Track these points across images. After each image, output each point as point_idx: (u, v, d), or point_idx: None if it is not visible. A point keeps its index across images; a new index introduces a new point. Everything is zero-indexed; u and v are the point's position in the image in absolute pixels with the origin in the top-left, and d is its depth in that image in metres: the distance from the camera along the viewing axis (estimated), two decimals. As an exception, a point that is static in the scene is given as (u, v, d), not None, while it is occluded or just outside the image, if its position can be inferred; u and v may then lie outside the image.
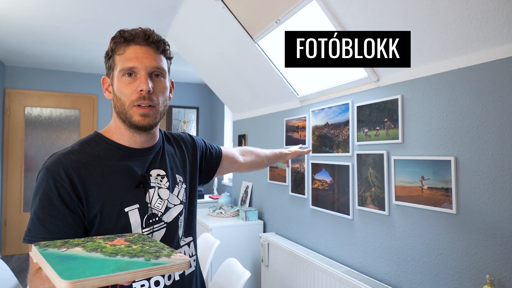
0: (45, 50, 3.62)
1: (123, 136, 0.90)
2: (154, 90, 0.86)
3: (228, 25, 2.26)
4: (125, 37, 0.85)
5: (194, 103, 5.10)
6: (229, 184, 4.06)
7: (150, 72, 0.85)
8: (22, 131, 4.31)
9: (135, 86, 0.84)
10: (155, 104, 0.86)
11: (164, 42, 0.90)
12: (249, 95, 2.97)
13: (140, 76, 0.84)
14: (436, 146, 1.44)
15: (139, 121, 0.85)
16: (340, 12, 1.57)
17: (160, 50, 0.88)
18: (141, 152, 0.92)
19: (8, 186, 4.24)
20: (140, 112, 0.84)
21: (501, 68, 1.20)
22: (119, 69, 0.85)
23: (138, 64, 0.84)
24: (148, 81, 0.84)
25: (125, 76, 0.84)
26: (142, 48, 0.85)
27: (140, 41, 0.85)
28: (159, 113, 0.88)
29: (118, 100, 0.86)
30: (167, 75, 0.91)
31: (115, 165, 0.87)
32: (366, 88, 1.80)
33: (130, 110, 0.85)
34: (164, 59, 0.91)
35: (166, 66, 0.91)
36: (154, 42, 0.87)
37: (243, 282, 1.81)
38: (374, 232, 1.74)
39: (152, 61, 0.85)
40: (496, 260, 1.22)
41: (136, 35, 0.85)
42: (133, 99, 0.84)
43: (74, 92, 4.52)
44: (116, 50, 0.86)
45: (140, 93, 0.83)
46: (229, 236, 2.78)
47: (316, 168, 2.21)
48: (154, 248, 0.67)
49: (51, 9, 2.58)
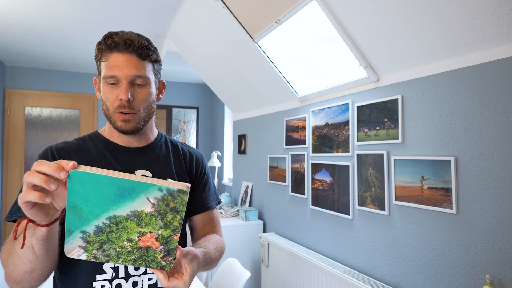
0: (45, 50, 3.62)
1: (113, 135, 0.95)
2: (135, 98, 0.87)
3: (228, 25, 2.26)
4: (108, 44, 0.85)
5: (194, 103, 5.10)
6: (229, 184, 4.06)
7: (131, 80, 0.86)
8: (22, 131, 4.31)
9: (116, 94, 0.85)
10: (136, 111, 0.87)
11: (148, 48, 0.89)
12: (249, 95, 2.97)
13: (121, 85, 0.85)
14: (436, 146, 1.44)
15: (121, 126, 0.88)
16: (340, 12, 1.57)
17: (143, 57, 0.87)
18: (130, 151, 0.94)
19: (8, 186, 4.24)
20: (122, 118, 0.87)
21: (501, 68, 1.20)
22: (102, 76, 0.87)
23: (118, 73, 0.84)
24: (128, 90, 0.84)
25: (109, 85, 0.86)
26: (123, 56, 0.85)
27: (121, 49, 0.85)
28: (141, 119, 0.90)
29: (104, 104, 0.89)
30: (152, 81, 0.91)
31: (97, 157, 0.91)
32: (366, 88, 1.80)
33: (113, 116, 0.87)
34: (149, 64, 0.89)
35: (150, 72, 0.90)
36: (135, 50, 0.86)
37: (243, 282, 1.81)
38: (374, 232, 1.74)
39: (133, 69, 0.85)
40: (496, 260, 1.22)
41: (117, 43, 0.84)
42: (115, 107, 0.86)
43: (74, 92, 4.52)
44: (100, 56, 0.87)
45: (120, 101, 0.85)
46: (229, 236, 2.78)
47: (316, 168, 2.21)
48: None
49: (51, 9, 2.58)
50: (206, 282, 2.47)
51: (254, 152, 3.17)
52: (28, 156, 4.34)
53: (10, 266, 0.72)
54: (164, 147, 1.02)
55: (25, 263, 0.70)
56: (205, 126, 5.13)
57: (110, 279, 0.84)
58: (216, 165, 4.10)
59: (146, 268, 0.70)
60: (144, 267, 0.68)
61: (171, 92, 4.90)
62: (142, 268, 0.87)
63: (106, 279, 0.83)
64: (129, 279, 0.85)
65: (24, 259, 0.69)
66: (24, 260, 0.69)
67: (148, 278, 0.88)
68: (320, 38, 1.89)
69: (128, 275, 0.86)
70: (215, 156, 4.11)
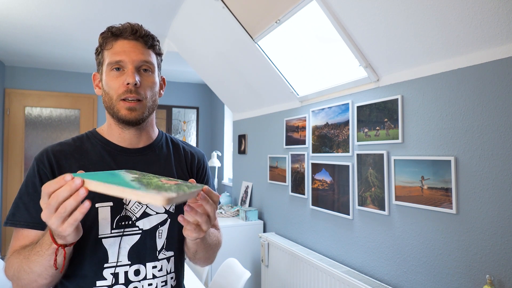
0: (45, 50, 3.62)
1: (113, 133, 0.91)
2: (142, 84, 0.85)
3: (228, 25, 2.25)
4: (113, 32, 0.85)
5: (194, 103, 5.10)
6: (229, 184, 4.06)
7: (138, 66, 0.85)
8: (22, 131, 4.31)
9: (122, 79, 0.84)
10: (142, 98, 0.85)
11: (153, 37, 0.90)
12: (249, 95, 2.97)
13: (127, 70, 0.84)
14: (436, 146, 1.44)
15: (126, 115, 0.84)
16: (340, 12, 1.57)
17: (148, 44, 0.88)
18: (129, 152, 0.91)
19: (8, 186, 4.24)
20: (127, 106, 0.84)
21: (501, 68, 1.20)
22: (107, 63, 0.85)
23: (125, 58, 0.84)
24: (135, 74, 0.83)
25: (113, 70, 0.85)
26: (129, 42, 0.85)
27: (128, 35, 0.85)
28: (147, 108, 0.87)
29: (106, 94, 0.86)
30: (156, 70, 0.91)
31: (96, 160, 0.87)
32: (366, 88, 1.80)
33: (117, 105, 0.84)
34: (153, 54, 0.90)
35: (154, 61, 0.90)
36: (142, 36, 0.86)
37: (243, 282, 1.81)
38: (374, 232, 1.74)
39: (140, 55, 0.85)
40: (496, 260, 1.22)
41: (124, 30, 0.85)
42: (120, 93, 0.84)
43: (74, 92, 4.52)
44: (105, 45, 0.87)
45: (127, 86, 0.83)
46: (229, 236, 2.78)
47: (316, 168, 2.21)
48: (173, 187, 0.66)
49: (51, 9, 2.58)
50: (206, 282, 2.47)
51: (254, 152, 3.17)
52: (28, 156, 4.34)
53: (23, 281, 0.73)
54: (165, 147, 0.99)
55: (46, 278, 0.71)
56: (205, 126, 5.13)
57: (110, 285, 0.82)
58: (216, 165, 4.10)
59: (192, 190, 0.67)
60: (189, 190, 0.65)
61: (171, 92, 4.90)
62: (142, 273, 0.85)
63: (106, 285, 0.82)
64: (129, 285, 0.83)
65: (46, 275, 0.71)
66: (45, 275, 0.71)
67: (148, 284, 0.85)
68: (320, 38, 1.89)
69: (128, 281, 0.83)
70: (215, 156, 4.11)
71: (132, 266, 0.84)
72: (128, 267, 0.83)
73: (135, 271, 0.84)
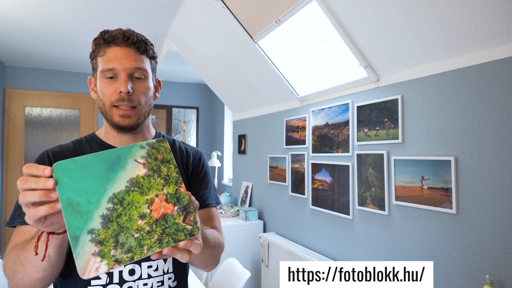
0: (45, 50, 3.62)
1: (110, 136, 0.92)
2: (135, 91, 0.85)
3: (228, 25, 2.25)
4: (105, 39, 0.85)
5: (194, 103, 5.10)
6: (229, 184, 4.06)
7: (130, 73, 0.85)
8: (22, 131, 4.30)
9: (115, 87, 0.84)
10: (136, 104, 0.86)
11: (146, 42, 0.89)
12: (249, 95, 2.97)
13: (120, 78, 0.84)
14: (436, 146, 1.44)
15: (119, 122, 0.85)
16: (340, 12, 1.57)
17: (141, 50, 0.87)
18: None
19: (8, 186, 4.24)
20: (120, 113, 0.84)
21: (501, 68, 1.20)
22: (100, 70, 0.85)
23: (117, 66, 0.84)
24: (127, 82, 0.83)
25: (106, 78, 0.85)
26: (122, 49, 0.85)
27: (120, 42, 0.85)
28: (142, 114, 0.88)
29: (100, 100, 0.87)
30: (150, 75, 0.90)
31: None
32: (366, 88, 1.80)
33: (110, 111, 0.85)
34: (146, 59, 0.89)
35: (148, 66, 0.90)
36: (134, 43, 0.86)
37: (243, 282, 1.81)
38: (374, 232, 1.74)
39: (132, 62, 0.85)
40: (496, 260, 1.22)
41: (116, 37, 0.84)
42: (113, 100, 0.84)
43: (74, 92, 4.52)
44: (97, 51, 0.87)
45: (120, 94, 0.83)
46: (229, 236, 2.78)
47: (316, 168, 2.21)
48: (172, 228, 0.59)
49: (51, 9, 2.58)
50: (206, 282, 2.47)
51: (254, 152, 3.17)
52: (28, 156, 4.34)
53: (19, 275, 0.71)
54: None
55: (38, 272, 0.70)
56: (205, 126, 5.13)
57: (104, 284, 0.82)
58: (216, 165, 4.10)
59: (176, 243, 0.58)
60: (174, 243, 0.58)
61: (171, 92, 4.90)
62: (137, 273, 0.85)
63: (100, 285, 0.82)
64: (124, 285, 0.83)
65: (38, 267, 0.69)
66: (37, 268, 0.69)
67: (143, 284, 0.85)
68: (320, 38, 1.89)
69: (122, 280, 0.83)
70: (215, 156, 4.11)
71: (127, 265, 0.83)
72: (122, 266, 0.83)
73: (129, 270, 0.84)
